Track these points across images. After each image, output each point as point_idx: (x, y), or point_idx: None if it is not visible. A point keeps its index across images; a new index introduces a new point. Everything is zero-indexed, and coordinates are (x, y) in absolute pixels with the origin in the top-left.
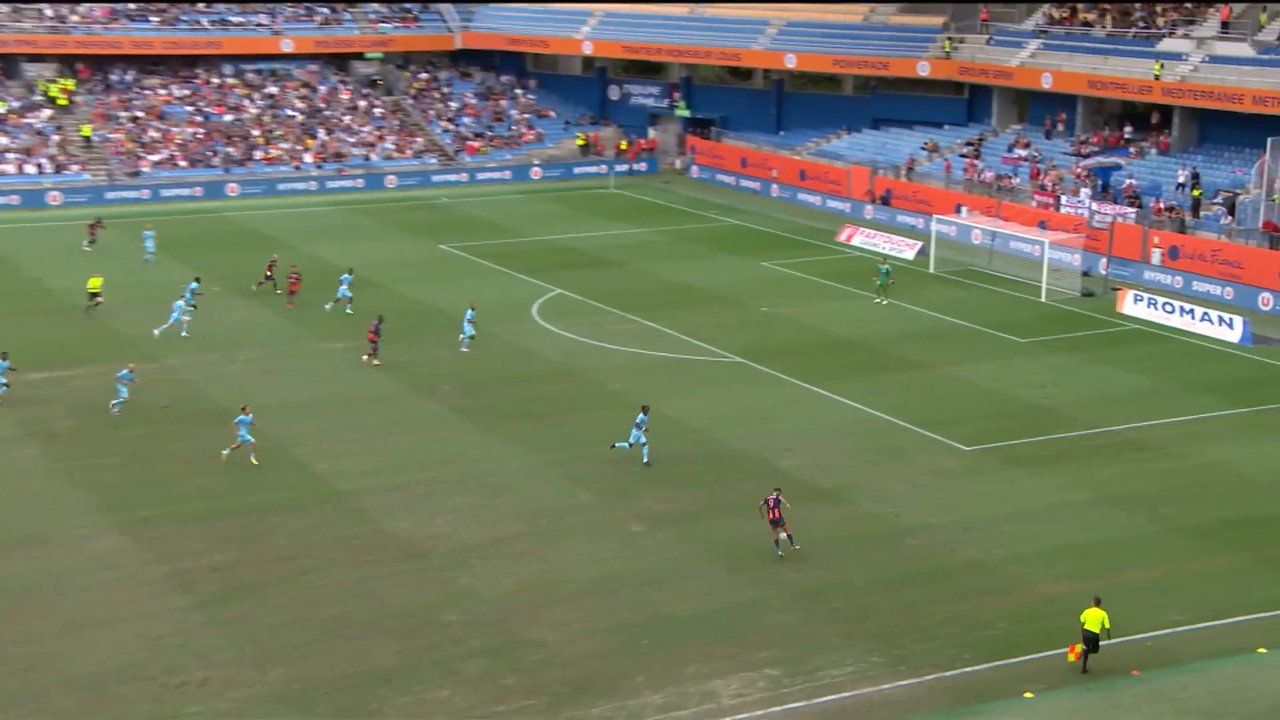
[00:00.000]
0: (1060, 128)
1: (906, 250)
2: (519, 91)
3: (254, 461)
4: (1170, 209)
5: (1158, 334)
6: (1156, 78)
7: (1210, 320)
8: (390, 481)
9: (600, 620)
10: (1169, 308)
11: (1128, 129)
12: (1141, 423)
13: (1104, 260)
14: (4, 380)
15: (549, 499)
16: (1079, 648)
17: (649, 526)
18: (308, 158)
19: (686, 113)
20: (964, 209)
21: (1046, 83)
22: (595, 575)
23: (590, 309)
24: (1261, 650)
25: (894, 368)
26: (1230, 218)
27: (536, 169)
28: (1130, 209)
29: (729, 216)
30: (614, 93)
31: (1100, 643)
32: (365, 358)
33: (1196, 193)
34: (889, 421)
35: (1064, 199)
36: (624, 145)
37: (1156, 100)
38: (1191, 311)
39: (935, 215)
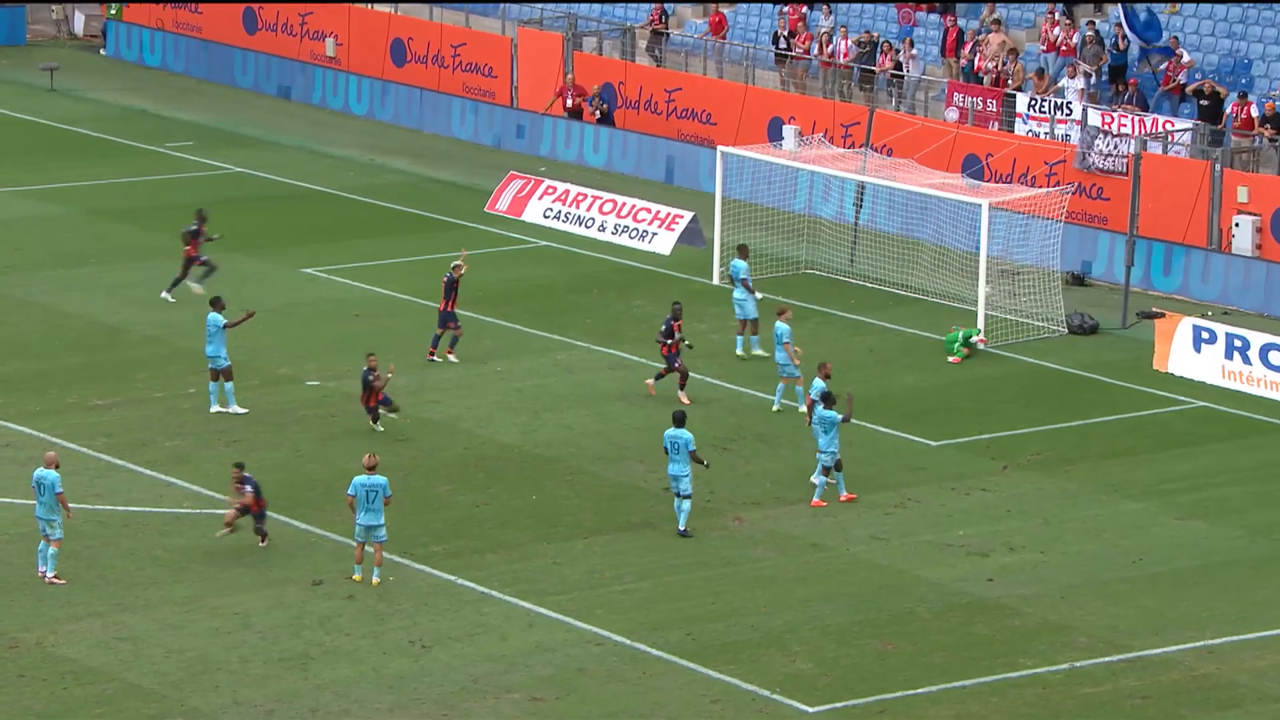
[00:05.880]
0: None
1: (658, 232)
2: None
3: None
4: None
5: (1250, 420)
6: None
7: None
8: None
9: None
10: (1275, 357)
11: None
12: (1220, 638)
13: (1125, 244)
14: None
15: None
16: None
17: None
18: None
19: None
20: (789, 127)
21: None
22: None
23: None
24: None
25: (645, 518)
26: None
27: None
28: (1182, 122)
29: (223, 154)
30: None
31: None
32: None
33: None
34: (632, 650)
35: (1026, 101)
36: None
37: None
38: None
39: (722, 147)
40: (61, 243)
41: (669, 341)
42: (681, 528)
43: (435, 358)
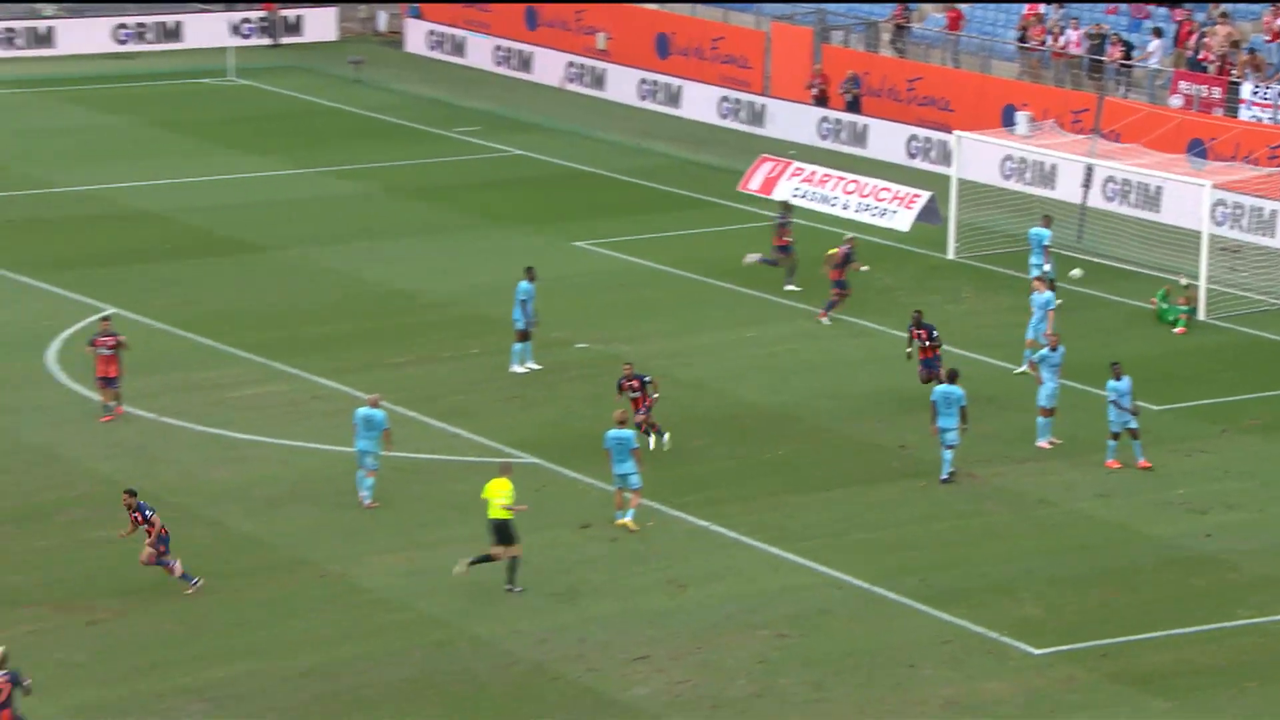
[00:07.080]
0: None
1: (897, 210)
2: None
3: None
4: None
5: None
6: None
7: None
8: None
9: None
10: None
11: None
12: None
13: None
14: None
15: None
16: None
17: None
18: None
19: None
20: (1022, 113)
21: None
22: None
23: (189, 350)
24: None
25: (883, 473)
26: None
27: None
28: None
29: (506, 138)
30: None
31: None
32: None
33: None
34: (870, 594)
35: (1250, 89)
36: None
37: None
38: None
39: (958, 132)
40: (361, 217)
41: (925, 346)
42: (944, 475)
43: (825, 320)
